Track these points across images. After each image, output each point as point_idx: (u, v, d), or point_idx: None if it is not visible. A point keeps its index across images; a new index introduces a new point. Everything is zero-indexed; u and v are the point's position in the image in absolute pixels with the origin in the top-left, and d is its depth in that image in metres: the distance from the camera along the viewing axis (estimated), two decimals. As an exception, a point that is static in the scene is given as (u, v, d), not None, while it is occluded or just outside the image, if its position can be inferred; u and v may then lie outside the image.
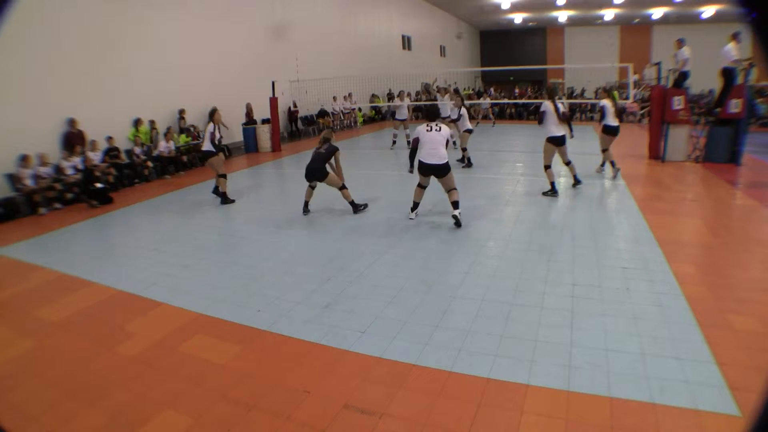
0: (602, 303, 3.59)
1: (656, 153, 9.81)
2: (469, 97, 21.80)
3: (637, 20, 29.49)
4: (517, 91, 23.22)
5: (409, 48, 24.56)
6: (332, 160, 6.42)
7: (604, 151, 8.30)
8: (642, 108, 17.43)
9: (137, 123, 9.87)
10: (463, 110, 9.54)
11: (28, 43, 7.73)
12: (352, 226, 5.95)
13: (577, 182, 7.36)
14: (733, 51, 8.67)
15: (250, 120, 13.06)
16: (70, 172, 8.05)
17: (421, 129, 5.65)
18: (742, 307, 3.46)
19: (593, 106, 19.65)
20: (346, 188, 6.41)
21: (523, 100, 20.75)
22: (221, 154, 7.81)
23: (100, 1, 9.15)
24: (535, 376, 2.71)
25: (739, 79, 8.94)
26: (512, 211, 6.33)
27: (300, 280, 4.29)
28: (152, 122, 10.29)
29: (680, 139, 9.42)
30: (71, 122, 8.55)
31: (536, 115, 7.64)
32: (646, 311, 3.44)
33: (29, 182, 7.51)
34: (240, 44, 12.95)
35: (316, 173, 6.31)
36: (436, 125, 5.62)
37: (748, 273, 4.27)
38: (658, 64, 11.82)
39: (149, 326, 3.62)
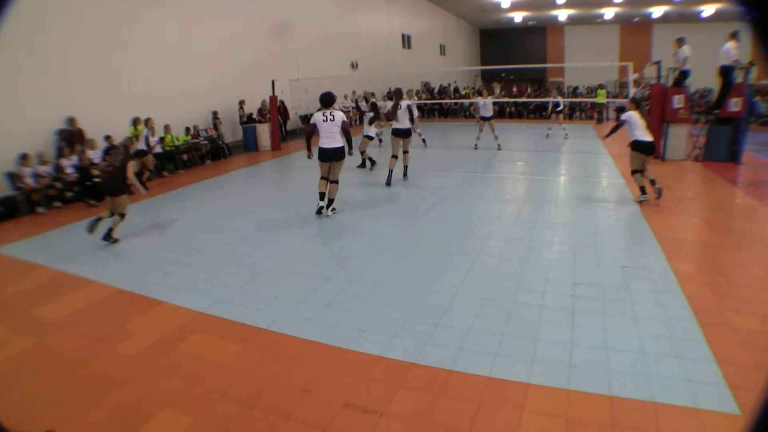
0: (602, 302, 3.59)
1: (656, 152, 9.79)
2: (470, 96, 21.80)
3: (637, 19, 29.48)
4: (515, 90, 23.19)
5: (409, 47, 24.54)
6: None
7: (636, 171, 6.43)
8: (642, 107, 17.40)
9: (136, 122, 9.85)
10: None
11: (28, 42, 7.71)
12: (352, 225, 5.95)
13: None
14: (733, 50, 8.66)
15: (265, 118, 13.04)
16: (69, 170, 8.04)
17: (318, 118, 6.00)
18: (742, 305, 3.47)
19: (592, 104, 19.68)
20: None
21: (523, 99, 20.74)
22: (149, 156, 9.00)
23: (100, 1, 9.13)
24: (535, 375, 2.71)
25: (739, 78, 8.94)
26: (513, 209, 6.33)
27: (300, 278, 4.29)
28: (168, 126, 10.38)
29: (680, 137, 9.42)
30: (71, 121, 8.54)
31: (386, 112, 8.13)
32: (647, 310, 3.44)
33: (30, 181, 7.51)
34: (240, 43, 12.93)
35: (112, 189, 5.62)
36: (330, 114, 5.96)
37: (749, 272, 4.27)
38: (658, 62, 11.80)
39: (149, 325, 3.62)
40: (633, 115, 6.36)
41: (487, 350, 2.99)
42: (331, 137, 5.97)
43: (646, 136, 6.31)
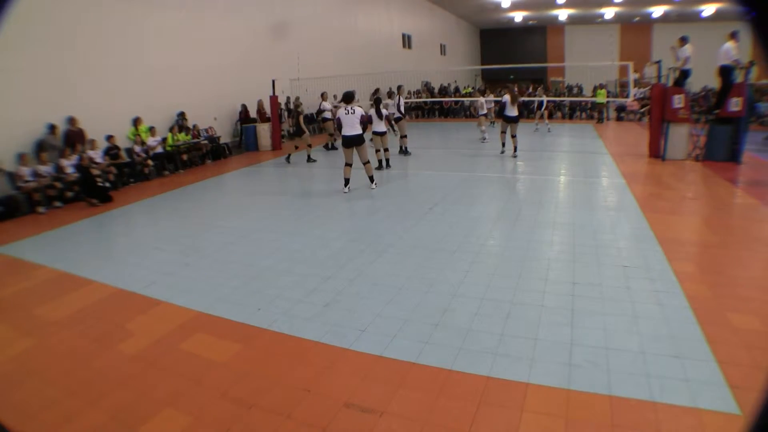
0: (602, 301, 3.59)
1: (656, 151, 9.80)
2: (471, 95, 21.80)
3: (637, 19, 29.47)
4: (516, 89, 23.14)
5: (410, 47, 24.54)
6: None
7: (514, 136, 10.17)
8: (642, 106, 17.40)
9: (136, 122, 9.86)
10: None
11: (28, 41, 7.72)
12: (353, 225, 5.96)
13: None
14: (732, 50, 8.65)
15: (261, 118, 13.03)
16: (70, 170, 8.04)
17: (341, 112, 7.52)
18: (742, 305, 3.46)
19: (593, 104, 19.69)
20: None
21: (524, 98, 20.71)
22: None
23: (100, 1, 9.13)
24: (535, 375, 2.71)
25: (740, 78, 8.93)
26: (512, 209, 6.33)
27: (300, 278, 4.29)
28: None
29: (680, 137, 9.41)
30: (71, 121, 8.54)
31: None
32: (647, 310, 3.44)
33: (26, 181, 7.50)
34: (240, 43, 12.93)
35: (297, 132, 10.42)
36: (351, 109, 7.43)
37: (749, 271, 4.27)
38: (658, 62, 11.79)
39: (149, 325, 3.62)
40: (507, 98, 9.96)
41: (486, 350, 2.99)
42: (352, 127, 7.40)
43: (513, 112, 9.91)
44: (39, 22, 7.81)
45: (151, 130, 9.93)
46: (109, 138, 9.06)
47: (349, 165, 7.54)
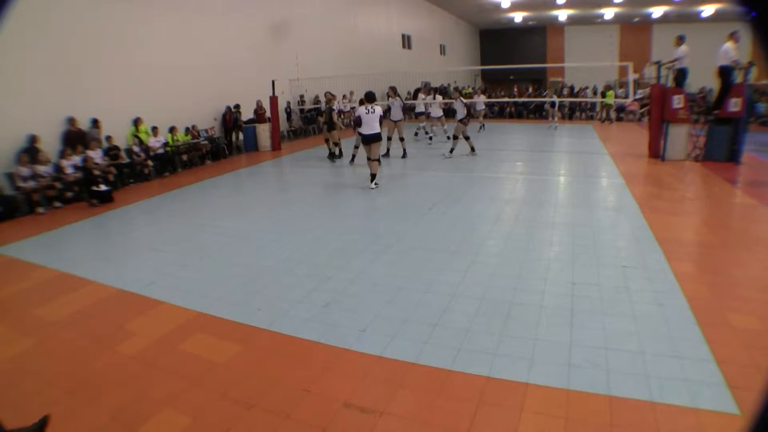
0: (602, 302, 3.59)
1: (656, 152, 9.81)
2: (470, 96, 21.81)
3: (636, 19, 29.47)
4: (515, 90, 23.16)
5: (409, 47, 24.54)
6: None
7: (456, 138, 10.52)
8: (642, 107, 17.42)
9: (137, 122, 9.86)
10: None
11: (28, 41, 7.71)
12: (352, 225, 5.96)
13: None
14: (731, 51, 8.66)
15: (259, 118, 13.04)
16: (69, 171, 8.03)
17: (361, 110, 7.68)
18: (741, 305, 3.47)
19: (593, 105, 19.71)
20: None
21: (523, 99, 20.75)
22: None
23: (100, 1, 9.13)
24: (534, 375, 2.71)
25: (739, 78, 8.93)
26: (512, 209, 6.33)
27: (300, 278, 4.29)
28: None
29: (680, 137, 9.42)
30: (71, 121, 8.54)
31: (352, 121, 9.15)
32: (646, 310, 3.44)
33: (26, 181, 7.49)
34: (240, 43, 12.93)
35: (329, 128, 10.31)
36: (372, 108, 7.60)
37: (748, 271, 4.27)
38: (658, 63, 11.80)
39: (149, 325, 3.62)
40: (462, 101, 10.37)
41: (486, 350, 2.99)
42: (371, 126, 7.58)
43: (460, 115, 10.25)
44: (39, 22, 7.80)
45: (154, 131, 9.93)
46: (108, 138, 9.07)
47: (370, 159, 7.81)
